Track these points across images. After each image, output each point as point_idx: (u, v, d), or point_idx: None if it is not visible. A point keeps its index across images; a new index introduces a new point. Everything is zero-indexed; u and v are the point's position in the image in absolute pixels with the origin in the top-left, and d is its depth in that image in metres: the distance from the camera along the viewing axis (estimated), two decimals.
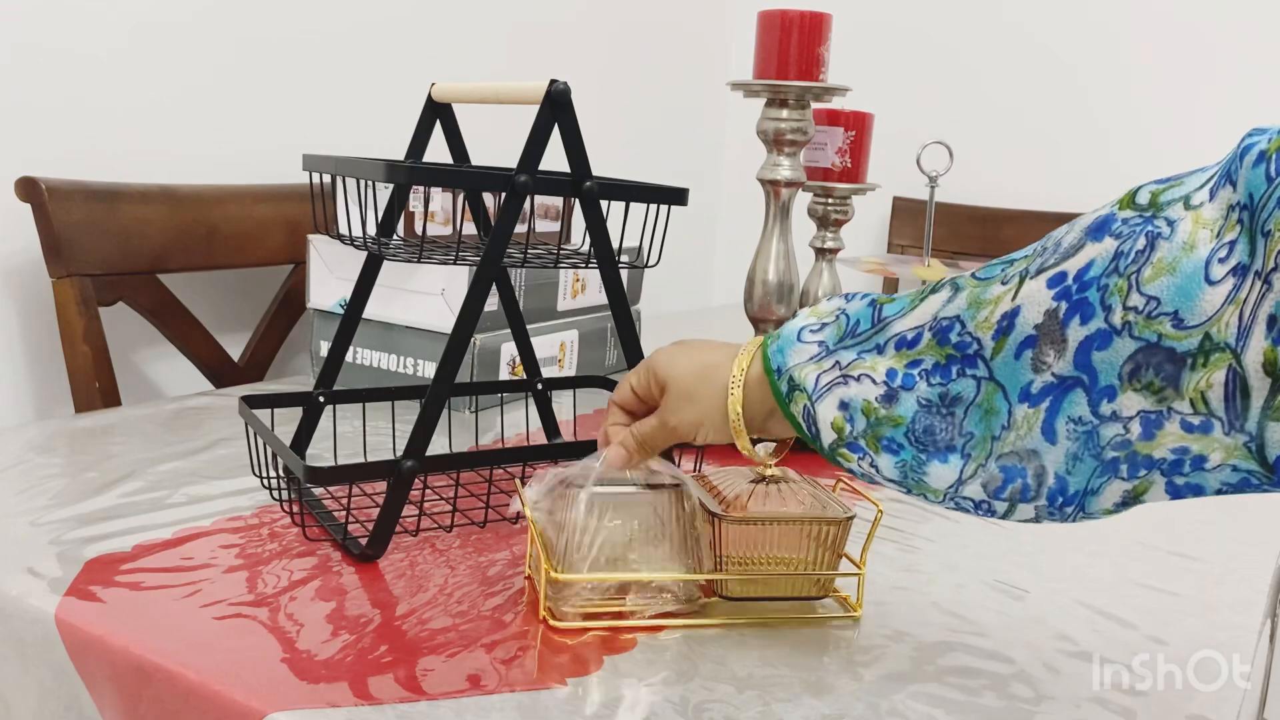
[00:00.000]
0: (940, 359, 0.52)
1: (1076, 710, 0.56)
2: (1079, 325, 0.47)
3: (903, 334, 0.54)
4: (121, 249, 1.10)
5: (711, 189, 2.21)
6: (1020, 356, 0.49)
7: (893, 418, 0.53)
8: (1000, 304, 0.50)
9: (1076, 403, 0.48)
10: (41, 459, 0.86)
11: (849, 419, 0.55)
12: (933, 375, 0.52)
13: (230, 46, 1.25)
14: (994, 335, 0.50)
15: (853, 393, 0.55)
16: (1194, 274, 0.44)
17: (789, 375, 0.57)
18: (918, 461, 0.53)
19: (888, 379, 0.54)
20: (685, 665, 0.58)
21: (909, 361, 0.54)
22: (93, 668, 0.58)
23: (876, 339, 0.55)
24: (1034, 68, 1.95)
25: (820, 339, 0.57)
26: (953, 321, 0.52)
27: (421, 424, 0.68)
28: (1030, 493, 0.50)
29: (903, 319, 0.55)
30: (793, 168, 1.04)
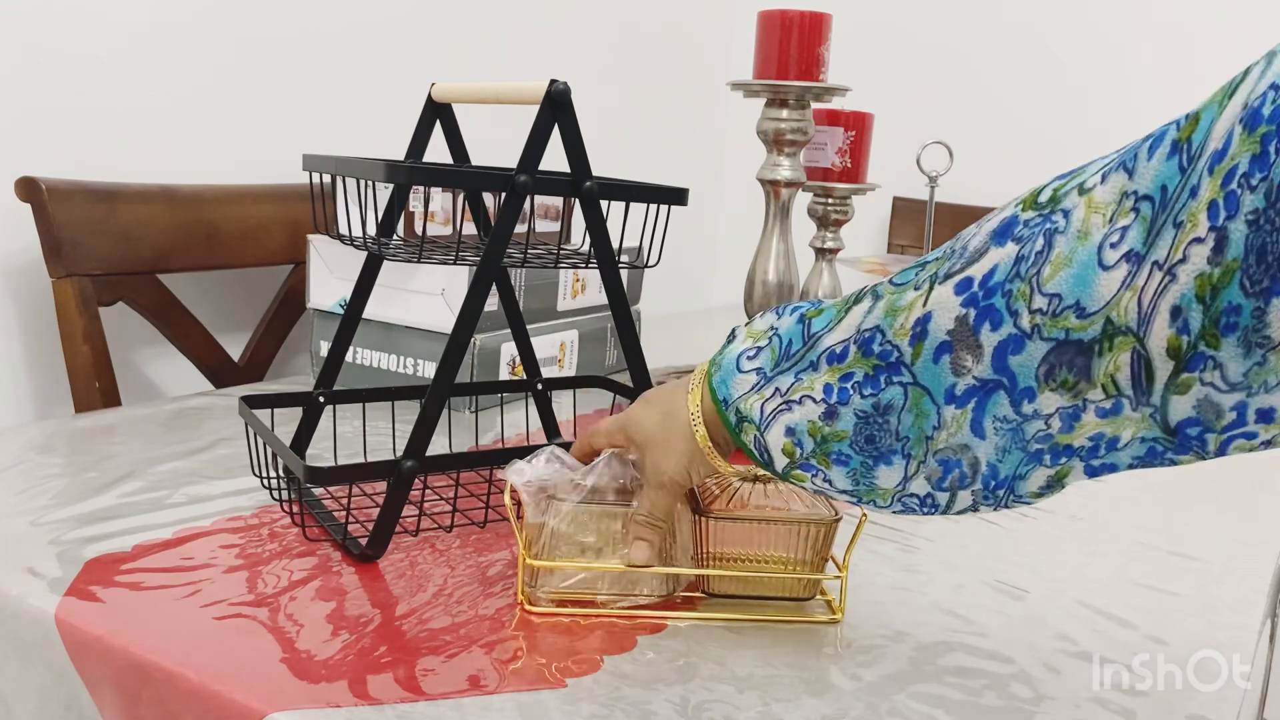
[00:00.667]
0: (868, 369, 0.54)
1: (1076, 710, 0.56)
2: (990, 331, 0.48)
3: (831, 348, 0.56)
4: (121, 249, 1.10)
5: (711, 189, 2.21)
6: (939, 361, 0.51)
7: (836, 433, 0.55)
8: (913, 310, 0.52)
9: (1000, 403, 0.49)
10: (41, 459, 0.86)
11: (798, 443, 0.56)
12: (864, 387, 0.54)
13: (230, 47, 1.25)
14: (910, 341, 0.52)
15: (796, 417, 0.56)
16: (1089, 261, 0.45)
17: (735, 407, 0.59)
18: (865, 467, 0.55)
19: (825, 395, 0.55)
20: (685, 665, 0.58)
21: (841, 375, 0.55)
22: (93, 668, 0.58)
23: (809, 356, 0.56)
24: (1034, 68, 1.95)
25: (758, 365, 0.59)
26: (874, 332, 0.53)
27: (421, 424, 0.68)
28: (967, 480, 0.52)
29: (830, 333, 0.56)
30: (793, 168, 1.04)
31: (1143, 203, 0.44)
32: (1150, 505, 0.93)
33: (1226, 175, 0.40)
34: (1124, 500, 0.94)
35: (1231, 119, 0.41)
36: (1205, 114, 0.43)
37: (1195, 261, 0.41)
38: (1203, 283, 0.40)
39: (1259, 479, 1.03)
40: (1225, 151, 0.40)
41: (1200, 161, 0.42)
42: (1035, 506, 0.88)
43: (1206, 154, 0.41)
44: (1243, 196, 0.39)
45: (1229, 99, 0.42)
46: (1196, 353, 0.42)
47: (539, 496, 0.64)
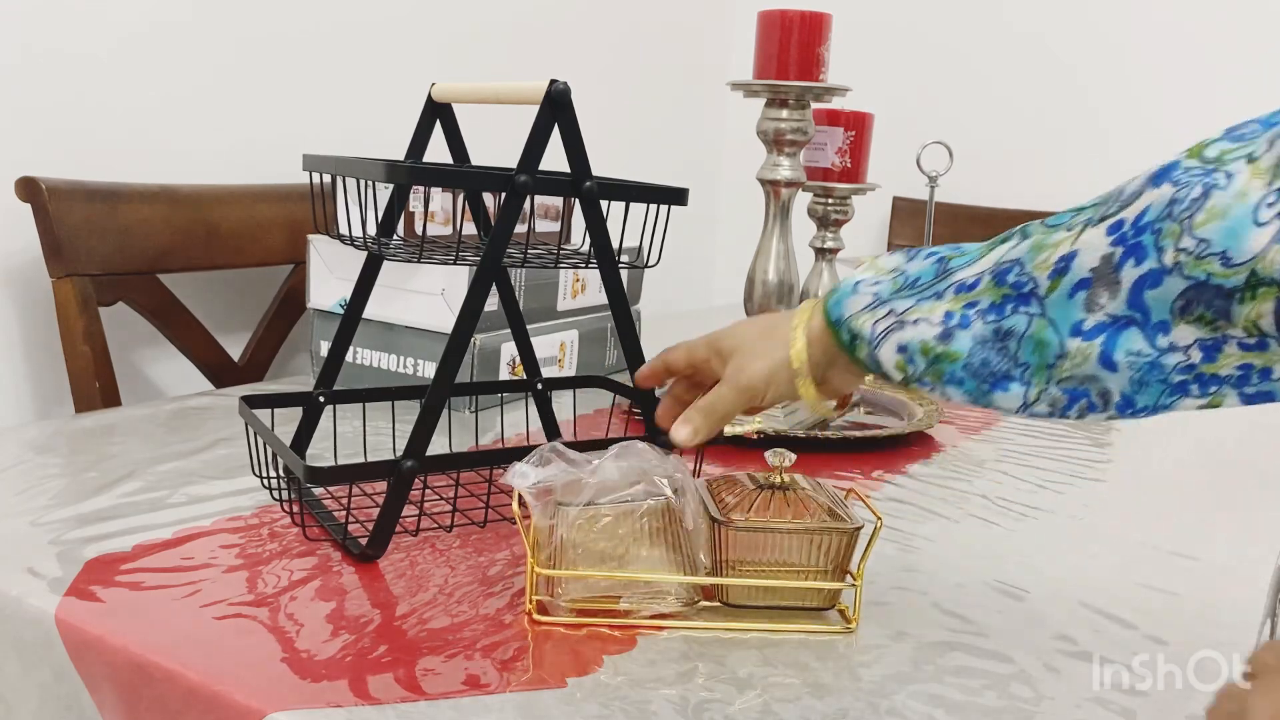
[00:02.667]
0: (996, 299, 0.56)
1: (1076, 710, 0.56)
2: (1133, 267, 0.51)
3: (963, 280, 0.58)
4: (121, 249, 1.10)
5: (711, 189, 2.21)
6: (1074, 296, 0.53)
7: (949, 353, 0.57)
8: (1060, 248, 0.54)
9: (1132, 338, 0.52)
10: (41, 459, 0.86)
11: (909, 360, 0.58)
12: (987, 314, 0.56)
13: (230, 47, 1.25)
14: (1050, 275, 0.54)
15: (909, 336, 0.58)
16: (1243, 217, 0.48)
17: (847, 325, 0.61)
18: (980, 391, 0.57)
19: (944, 320, 0.57)
20: (685, 665, 0.58)
21: (965, 304, 0.57)
22: (93, 668, 0.58)
23: (936, 287, 0.59)
24: (1034, 67, 1.95)
25: (875, 290, 0.61)
26: (1013, 264, 0.56)
27: (421, 424, 0.68)
28: (1098, 409, 0.54)
29: (967, 268, 0.58)
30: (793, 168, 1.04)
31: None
32: (1150, 505, 0.93)
33: None
34: (1124, 500, 0.94)
35: None
36: None
37: None
38: None
39: (1259, 479, 1.03)
40: None
41: None
42: (1035, 506, 0.88)
43: None
44: None
45: None
46: None
47: (545, 500, 0.63)
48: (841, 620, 0.64)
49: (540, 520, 0.62)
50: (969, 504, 0.88)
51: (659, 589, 0.62)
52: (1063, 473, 0.98)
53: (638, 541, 0.62)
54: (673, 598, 0.63)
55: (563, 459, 0.64)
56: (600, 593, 0.62)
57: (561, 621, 0.62)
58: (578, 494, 0.62)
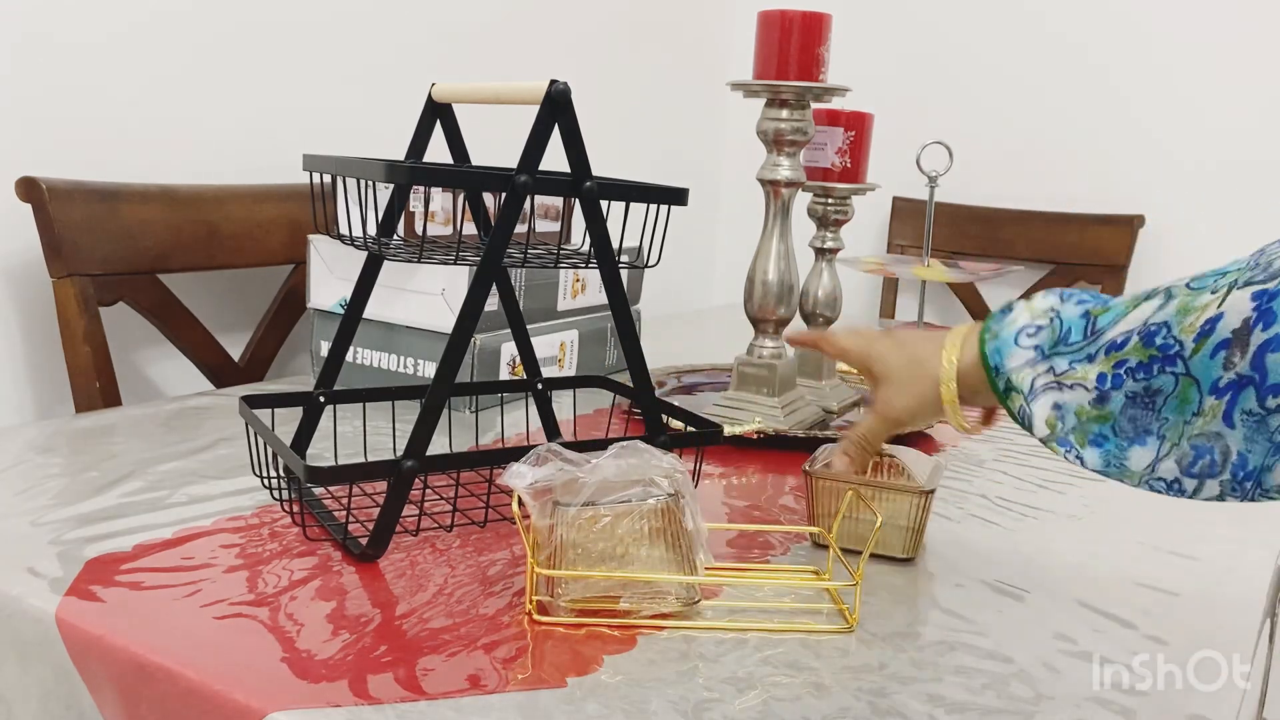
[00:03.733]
0: (1144, 359, 0.59)
1: (1076, 710, 0.56)
2: (1261, 331, 0.53)
3: (1113, 339, 0.60)
4: (121, 249, 1.10)
5: (711, 189, 2.21)
6: (1215, 356, 0.55)
7: (1103, 415, 0.60)
8: (1206, 311, 0.56)
9: (1249, 398, 0.54)
10: (41, 459, 0.86)
11: (1061, 418, 0.62)
12: (1137, 373, 0.59)
13: (230, 47, 1.25)
14: (1195, 338, 0.56)
15: (1066, 397, 0.62)
16: None
17: (1006, 376, 0.65)
18: (1119, 449, 0.60)
19: (1098, 384, 0.60)
20: (685, 665, 0.58)
21: (1116, 362, 0.60)
22: (93, 667, 0.58)
23: (1088, 349, 0.62)
24: (1034, 67, 1.95)
25: (1036, 343, 0.64)
26: (1160, 326, 0.58)
27: (421, 424, 0.68)
28: (1217, 468, 0.57)
29: (1114, 327, 0.61)
30: (793, 168, 1.04)
31: None
32: (1150, 505, 0.92)
33: None
34: (1124, 500, 0.94)
35: None
36: None
37: None
38: None
39: None
40: None
41: None
42: (1035, 506, 0.88)
43: None
44: None
45: None
46: None
47: (544, 499, 0.63)
48: (841, 620, 0.64)
49: (539, 520, 0.63)
50: (969, 504, 0.88)
51: (659, 589, 0.62)
52: (1063, 473, 0.98)
53: (637, 542, 0.62)
54: (673, 597, 0.63)
55: (560, 459, 0.64)
56: (600, 593, 0.62)
57: (561, 621, 0.62)
58: (576, 494, 0.62)
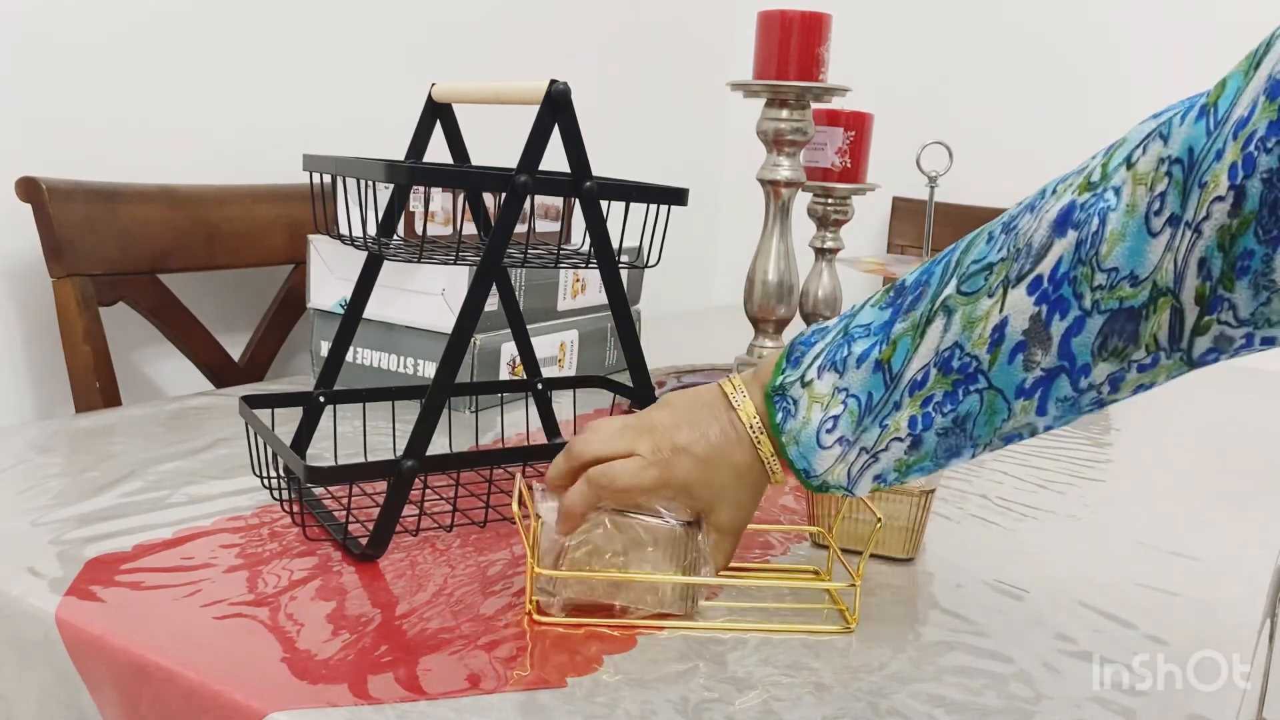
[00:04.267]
0: (948, 387, 0.57)
1: (1076, 710, 0.56)
2: (1059, 321, 0.52)
3: (914, 379, 0.58)
4: (121, 249, 1.10)
5: (711, 189, 2.21)
6: (1013, 361, 0.54)
7: (920, 457, 0.59)
8: (989, 319, 0.55)
9: (1061, 386, 0.54)
10: (41, 459, 0.86)
11: (883, 481, 0.61)
12: (943, 405, 0.57)
13: (230, 47, 1.25)
14: (988, 349, 0.55)
15: (883, 466, 0.60)
16: (1138, 232, 0.50)
17: (822, 480, 0.62)
18: (939, 466, 0.60)
19: (910, 429, 0.58)
20: (685, 665, 0.58)
21: (922, 400, 0.58)
22: (93, 668, 0.58)
23: (893, 398, 0.59)
24: (1034, 67, 1.95)
25: (839, 435, 0.60)
26: (952, 349, 0.56)
27: (421, 424, 0.68)
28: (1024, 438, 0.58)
29: (909, 364, 0.58)
30: (793, 168, 1.04)
31: (1174, 166, 0.49)
32: (1150, 505, 0.93)
33: (1247, 139, 0.44)
34: (1124, 500, 0.94)
35: (1257, 89, 0.45)
36: (1231, 81, 0.47)
37: (1217, 217, 0.46)
38: (1223, 234, 0.46)
39: (1259, 479, 1.04)
40: (1249, 119, 0.44)
41: (1226, 127, 0.46)
42: (1035, 506, 0.88)
43: (1232, 120, 0.46)
44: (1259, 158, 0.44)
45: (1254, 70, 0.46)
46: (1215, 296, 0.47)
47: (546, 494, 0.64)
48: (841, 620, 0.64)
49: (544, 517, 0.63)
50: (969, 504, 0.88)
51: (659, 589, 0.62)
52: (1063, 473, 0.98)
53: (639, 545, 0.62)
54: (673, 597, 0.63)
55: None
56: (600, 595, 0.62)
57: (561, 622, 0.62)
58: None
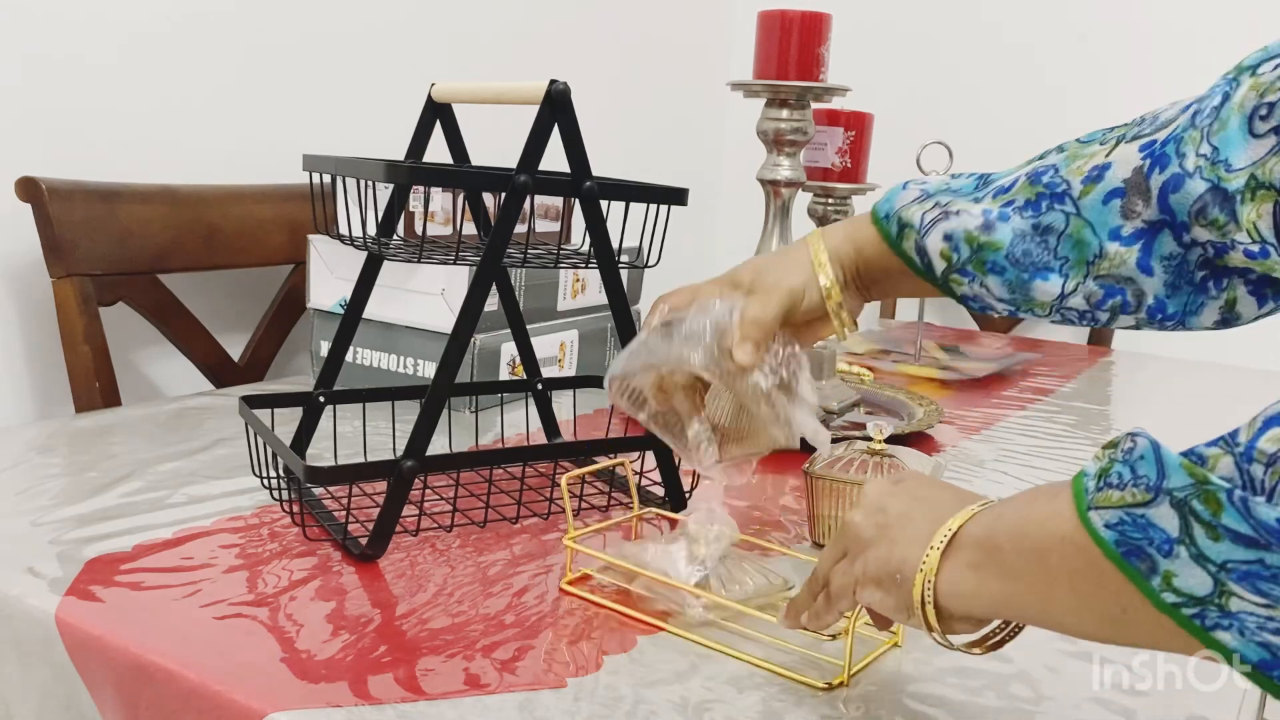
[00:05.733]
0: (1031, 196, 0.59)
1: (1076, 710, 0.56)
2: (1158, 174, 0.54)
3: (1000, 184, 0.61)
4: (121, 249, 1.10)
5: (711, 189, 2.21)
6: (1108, 203, 0.56)
7: (993, 243, 0.60)
8: (1094, 158, 0.57)
9: (1165, 241, 0.55)
10: (41, 459, 0.86)
11: (954, 248, 0.61)
12: (1024, 210, 0.59)
13: (230, 47, 1.25)
14: (1083, 180, 0.57)
15: (954, 225, 0.61)
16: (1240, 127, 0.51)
17: (897, 216, 0.63)
18: (1020, 280, 0.59)
19: (984, 215, 0.60)
20: (685, 665, 0.58)
21: (1004, 202, 0.60)
22: (93, 668, 0.58)
23: (976, 194, 0.62)
24: (1034, 67, 1.94)
25: (922, 189, 0.64)
26: (1047, 168, 0.59)
27: (421, 424, 0.68)
28: (1130, 308, 0.57)
29: (1004, 177, 0.62)
30: (793, 168, 1.04)
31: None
32: None
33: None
34: None
35: None
36: None
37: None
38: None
39: None
40: None
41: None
42: None
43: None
44: None
45: None
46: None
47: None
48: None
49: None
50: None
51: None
52: (1063, 473, 0.98)
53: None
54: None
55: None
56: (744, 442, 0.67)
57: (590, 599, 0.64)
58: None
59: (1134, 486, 0.41)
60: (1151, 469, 0.41)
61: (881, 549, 0.52)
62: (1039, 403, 1.28)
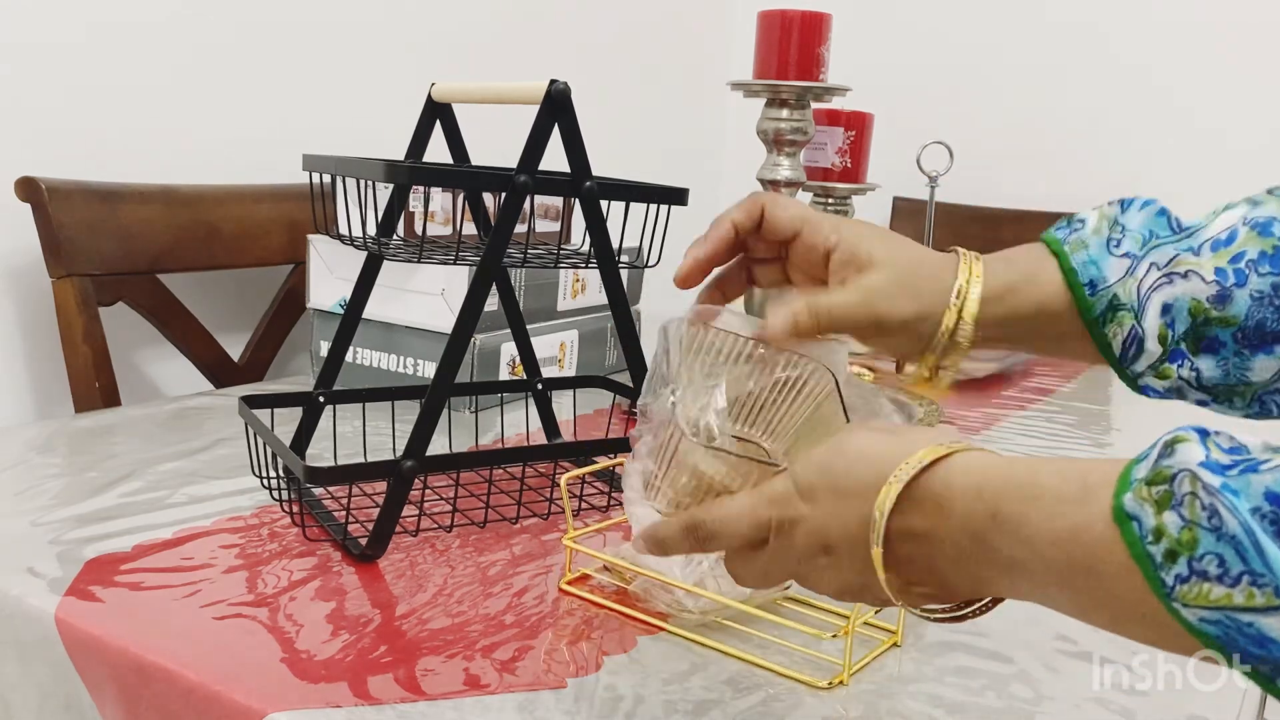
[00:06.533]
0: (1266, 249, 0.50)
1: (1076, 710, 0.56)
2: None
3: (1215, 237, 0.51)
4: (121, 249, 1.10)
5: (711, 189, 2.21)
6: None
7: (1225, 319, 0.50)
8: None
9: None
10: (41, 459, 0.86)
11: (1170, 324, 0.51)
12: (1259, 265, 0.50)
13: (231, 46, 1.25)
14: None
15: (1179, 291, 0.50)
16: None
17: (1111, 293, 0.52)
18: (1241, 359, 0.51)
19: (1218, 278, 0.50)
20: (685, 665, 0.58)
21: (1231, 257, 0.50)
22: (93, 668, 0.58)
23: (1188, 242, 0.51)
24: (1034, 67, 1.94)
25: (1126, 250, 0.52)
26: (1271, 219, 0.50)
27: (421, 424, 0.68)
28: None
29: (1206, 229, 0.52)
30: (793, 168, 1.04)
31: None
32: None
33: None
34: None
35: None
36: None
37: None
38: None
39: None
40: None
41: None
42: None
43: None
44: None
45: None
46: None
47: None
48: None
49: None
50: None
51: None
52: None
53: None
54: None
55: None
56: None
57: (589, 599, 0.64)
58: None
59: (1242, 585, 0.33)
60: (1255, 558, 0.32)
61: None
62: (1039, 403, 1.28)
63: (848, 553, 0.43)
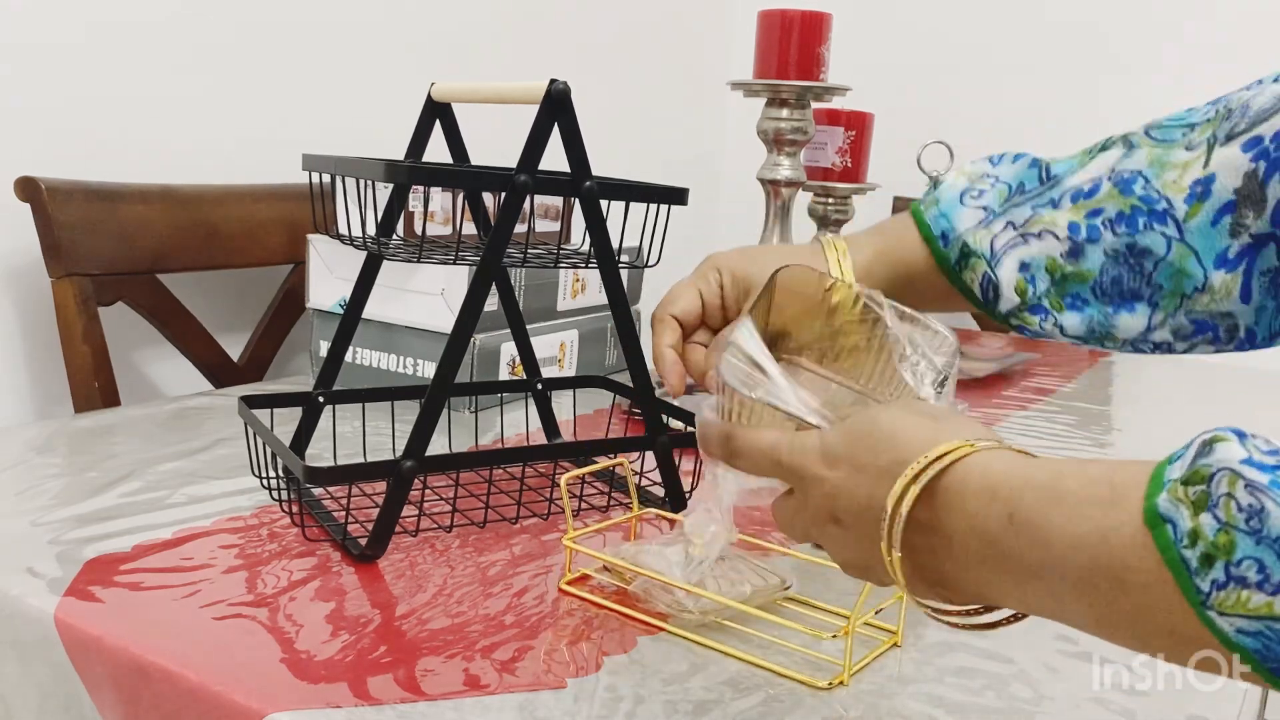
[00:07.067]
0: (1124, 208, 0.51)
1: (1076, 710, 0.56)
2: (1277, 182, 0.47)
3: (1078, 187, 0.53)
4: (121, 249, 1.10)
5: (711, 189, 2.21)
6: (1218, 223, 0.49)
7: (1080, 273, 0.52)
8: (1189, 170, 0.50)
9: (1267, 256, 0.48)
10: (41, 459, 0.86)
11: (1030, 280, 0.53)
12: (1117, 225, 0.51)
13: (230, 46, 1.25)
14: (1187, 199, 0.50)
15: (1034, 251, 0.53)
16: None
17: (961, 241, 0.54)
18: (1103, 315, 0.52)
19: (1071, 233, 0.52)
20: (685, 665, 0.58)
21: (1088, 211, 0.52)
22: (93, 668, 0.58)
23: (1050, 194, 0.53)
24: (1034, 67, 1.94)
25: (983, 204, 0.55)
26: (1135, 175, 0.51)
27: (421, 424, 0.68)
28: (1220, 342, 0.51)
29: (1073, 175, 0.53)
30: (793, 168, 1.04)
31: None
32: None
33: None
34: None
35: None
36: None
37: None
38: None
39: None
40: None
41: None
42: None
43: None
44: None
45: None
46: None
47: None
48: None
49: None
50: None
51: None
52: None
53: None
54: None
55: None
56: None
57: (590, 599, 0.63)
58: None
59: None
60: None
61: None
62: (1039, 403, 1.28)
63: (854, 527, 0.43)
